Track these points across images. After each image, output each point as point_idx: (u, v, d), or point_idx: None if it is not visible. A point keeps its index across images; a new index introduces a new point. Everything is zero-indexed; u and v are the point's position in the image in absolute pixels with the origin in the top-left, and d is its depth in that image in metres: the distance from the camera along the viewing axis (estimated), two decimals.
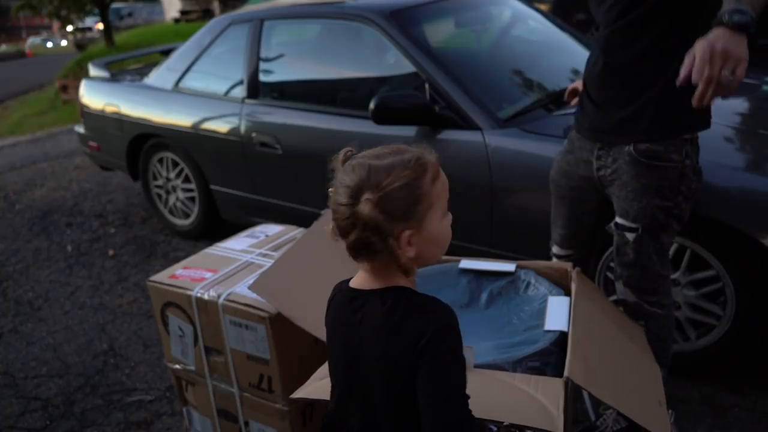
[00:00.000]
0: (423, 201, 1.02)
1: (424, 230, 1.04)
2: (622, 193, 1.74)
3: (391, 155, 1.03)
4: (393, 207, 0.99)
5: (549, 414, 1.26)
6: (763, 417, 2.08)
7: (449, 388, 0.99)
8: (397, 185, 0.99)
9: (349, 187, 1.00)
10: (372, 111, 2.52)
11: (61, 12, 12.87)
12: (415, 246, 1.04)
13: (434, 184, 1.04)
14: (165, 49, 4.87)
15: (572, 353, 1.44)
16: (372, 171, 1.00)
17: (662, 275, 1.79)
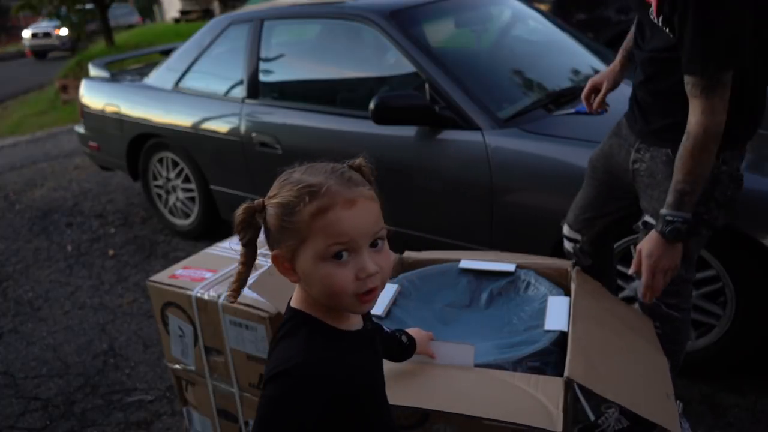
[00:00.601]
0: (288, 231, 0.90)
1: (297, 263, 0.92)
2: (654, 193, 1.67)
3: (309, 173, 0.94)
4: (268, 221, 0.93)
5: (549, 413, 1.26)
6: (763, 417, 2.08)
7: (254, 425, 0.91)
8: (274, 202, 0.92)
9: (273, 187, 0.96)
10: (372, 111, 2.52)
11: (60, 11, 12.86)
12: (295, 273, 0.94)
13: (313, 219, 0.89)
14: (165, 49, 4.87)
15: (572, 353, 1.44)
16: (281, 180, 0.94)
17: (685, 279, 1.73)
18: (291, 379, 0.89)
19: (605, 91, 1.95)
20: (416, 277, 1.89)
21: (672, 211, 1.52)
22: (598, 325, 1.66)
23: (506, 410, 1.28)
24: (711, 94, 1.42)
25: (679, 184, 1.50)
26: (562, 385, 1.33)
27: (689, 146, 1.46)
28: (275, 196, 0.92)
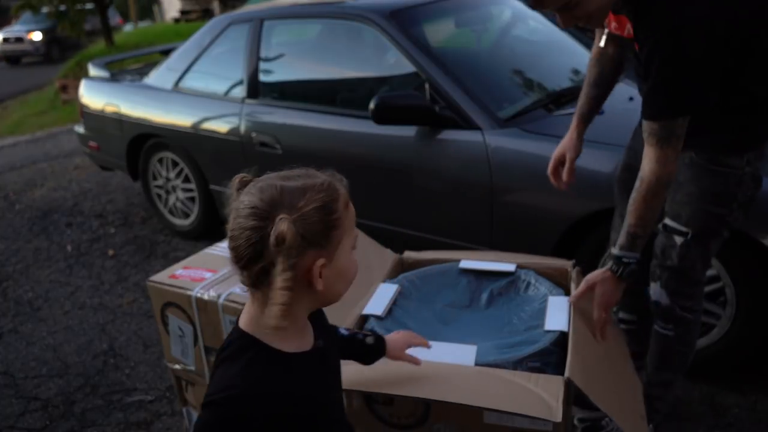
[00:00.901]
0: (338, 227, 0.92)
1: (336, 260, 0.94)
2: (676, 196, 1.66)
3: (302, 177, 0.94)
4: (309, 230, 0.88)
5: (549, 406, 1.26)
6: (763, 417, 2.08)
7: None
8: (314, 207, 0.89)
9: (256, 209, 0.88)
10: (372, 111, 2.52)
11: (60, 10, 12.85)
12: (324, 279, 0.92)
13: (346, 211, 0.95)
14: (165, 49, 4.87)
15: (573, 354, 1.44)
16: (285, 191, 0.90)
17: (700, 281, 1.74)
18: (224, 410, 0.89)
19: (570, 162, 1.93)
20: (416, 277, 1.89)
21: (625, 252, 1.56)
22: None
23: (506, 402, 1.29)
24: (665, 145, 1.45)
25: (632, 228, 1.54)
26: (563, 383, 1.34)
27: (642, 192, 1.50)
28: (306, 202, 0.89)
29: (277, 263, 0.87)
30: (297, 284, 0.90)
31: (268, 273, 0.89)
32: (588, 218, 2.22)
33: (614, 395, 1.48)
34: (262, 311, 0.93)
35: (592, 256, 2.27)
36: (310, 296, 0.95)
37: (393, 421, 1.51)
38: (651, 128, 1.46)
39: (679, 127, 1.44)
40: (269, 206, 0.89)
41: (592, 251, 2.27)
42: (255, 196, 0.90)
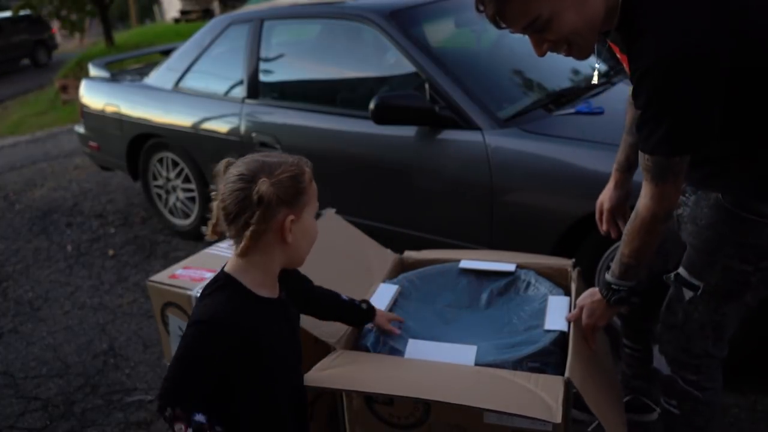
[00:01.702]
0: (305, 193, 1.21)
1: (302, 220, 1.21)
2: (694, 242, 1.45)
3: (277, 156, 1.22)
4: (283, 191, 1.16)
5: (548, 406, 1.26)
6: (763, 417, 2.08)
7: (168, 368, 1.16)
8: (287, 175, 1.18)
9: (243, 175, 1.16)
10: (372, 111, 2.52)
11: (60, 12, 12.87)
12: (293, 233, 1.20)
13: (310, 184, 1.23)
14: (165, 49, 4.87)
15: (573, 355, 1.44)
16: (265, 164, 1.18)
17: (710, 354, 1.49)
18: (206, 326, 1.15)
19: (608, 213, 1.78)
20: (416, 277, 1.89)
21: (617, 280, 1.48)
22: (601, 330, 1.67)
23: (506, 403, 1.29)
24: (660, 182, 1.30)
25: (625, 258, 1.44)
26: (562, 383, 1.34)
27: (636, 226, 1.38)
28: (281, 172, 1.17)
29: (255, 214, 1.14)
30: (271, 238, 1.18)
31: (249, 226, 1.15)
32: (588, 218, 2.21)
33: (604, 398, 1.49)
34: (245, 258, 1.20)
35: (592, 256, 2.27)
36: (282, 252, 1.22)
37: (393, 421, 1.51)
38: (645, 162, 1.31)
39: (676, 165, 1.27)
40: (253, 173, 1.16)
41: (592, 251, 2.27)
42: (241, 167, 1.18)
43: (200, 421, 1.13)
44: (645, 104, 1.25)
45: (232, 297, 1.19)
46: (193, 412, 1.13)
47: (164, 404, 1.13)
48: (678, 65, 1.18)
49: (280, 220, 1.17)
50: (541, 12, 1.24)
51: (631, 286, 1.49)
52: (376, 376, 1.42)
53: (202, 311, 1.18)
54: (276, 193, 1.15)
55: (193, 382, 1.14)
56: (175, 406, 1.12)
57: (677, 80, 1.19)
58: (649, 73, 1.21)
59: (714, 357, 1.50)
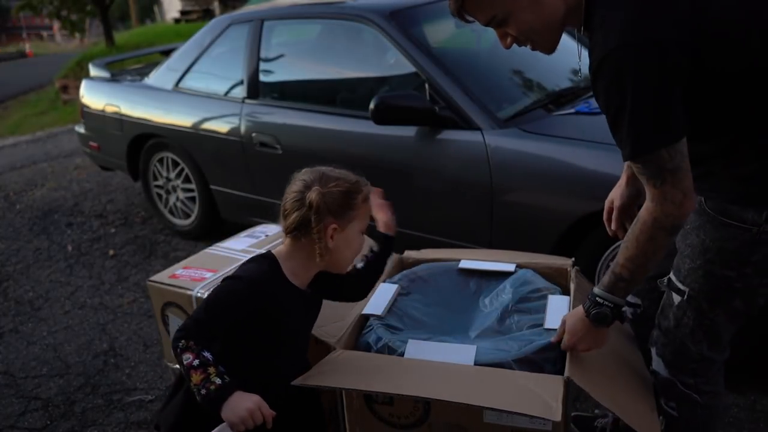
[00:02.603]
0: (352, 209, 1.38)
1: (346, 231, 1.38)
2: (680, 245, 1.43)
3: (340, 173, 1.41)
4: (331, 202, 1.35)
5: (548, 405, 1.26)
6: (763, 416, 2.09)
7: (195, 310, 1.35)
8: (340, 189, 1.37)
9: (304, 181, 1.38)
10: (372, 111, 2.52)
11: (61, 12, 12.89)
12: (335, 240, 1.37)
13: (364, 204, 1.42)
14: (165, 50, 4.87)
15: (572, 354, 1.44)
16: (324, 175, 1.39)
17: (706, 357, 1.46)
18: (241, 283, 1.35)
19: (617, 211, 1.69)
20: (416, 277, 1.89)
21: (603, 292, 1.35)
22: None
23: (506, 401, 1.29)
24: (658, 183, 1.22)
25: (618, 267, 1.33)
26: (562, 383, 1.34)
27: (636, 231, 1.29)
28: (335, 185, 1.37)
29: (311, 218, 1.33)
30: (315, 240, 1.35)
31: (302, 225, 1.35)
32: (588, 218, 2.22)
33: (620, 391, 1.48)
34: (293, 248, 1.40)
35: (591, 255, 2.27)
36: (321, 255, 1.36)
37: (393, 420, 1.51)
38: (635, 168, 1.26)
39: (667, 160, 1.20)
40: (311, 181, 1.37)
41: (591, 251, 2.28)
42: (306, 175, 1.40)
43: (207, 356, 1.27)
44: (605, 103, 1.24)
45: (269, 271, 1.38)
46: (203, 348, 1.28)
47: (182, 336, 1.28)
48: (623, 56, 1.17)
49: (325, 226, 1.35)
50: (496, 12, 1.28)
51: (617, 303, 1.35)
52: (376, 375, 1.42)
53: (241, 270, 1.39)
54: (324, 202, 1.33)
55: (213, 323, 1.31)
56: (189, 339, 1.27)
57: (625, 70, 1.17)
58: (600, 68, 1.20)
59: (712, 360, 1.47)
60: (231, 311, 1.33)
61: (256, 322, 1.36)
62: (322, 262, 1.39)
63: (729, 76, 1.23)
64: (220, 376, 1.26)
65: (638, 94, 1.17)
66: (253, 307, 1.34)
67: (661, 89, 1.18)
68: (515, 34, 1.33)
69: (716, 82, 1.23)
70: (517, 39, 1.34)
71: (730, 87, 1.24)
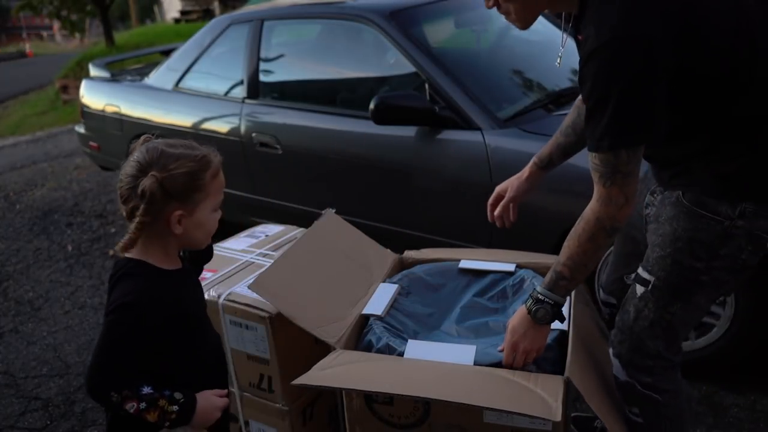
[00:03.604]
0: (200, 191, 1.22)
1: (195, 215, 1.23)
2: (652, 237, 1.43)
3: (182, 147, 1.23)
4: (174, 186, 1.18)
5: (547, 404, 1.26)
6: (763, 416, 2.09)
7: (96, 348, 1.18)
8: (182, 171, 1.19)
9: (139, 163, 1.19)
10: (372, 111, 2.52)
11: (61, 12, 12.89)
12: (183, 226, 1.22)
13: (212, 180, 1.24)
14: (165, 50, 4.87)
15: (572, 354, 1.44)
16: (163, 155, 1.20)
17: (662, 356, 1.44)
18: (129, 309, 1.18)
19: (507, 200, 1.77)
20: (416, 277, 1.89)
21: (545, 290, 1.38)
22: (590, 332, 1.67)
23: (506, 401, 1.29)
24: (608, 183, 1.25)
25: (559, 266, 1.36)
26: (562, 383, 1.34)
27: (578, 230, 1.32)
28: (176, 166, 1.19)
29: (140, 206, 1.17)
30: (160, 225, 1.21)
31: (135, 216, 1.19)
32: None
33: (604, 396, 1.49)
34: (143, 240, 1.23)
35: None
36: (174, 236, 1.24)
37: (393, 420, 1.51)
38: (592, 162, 1.28)
39: (624, 163, 1.23)
40: (147, 163, 1.19)
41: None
42: (142, 153, 1.21)
43: (149, 392, 1.17)
44: (588, 93, 1.24)
45: (142, 276, 1.23)
46: (138, 387, 1.17)
47: (104, 391, 1.16)
48: (613, 49, 1.18)
49: (168, 213, 1.20)
50: None
51: (557, 302, 1.38)
52: (376, 375, 1.42)
53: (116, 297, 1.20)
54: (163, 189, 1.18)
55: (127, 360, 1.18)
56: (121, 389, 1.16)
57: (613, 64, 1.18)
58: (590, 60, 1.22)
59: (667, 360, 1.46)
60: (135, 341, 1.18)
61: (165, 331, 1.23)
62: (177, 244, 1.28)
63: (709, 79, 1.25)
64: (173, 403, 1.20)
65: (623, 88, 1.19)
66: (155, 323, 1.21)
67: (645, 87, 1.19)
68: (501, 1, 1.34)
69: (697, 83, 1.25)
70: (498, 3, 1.35)
71: (711, 89, 1.26)
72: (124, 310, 1.18)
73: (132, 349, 1.18)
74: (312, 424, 1.88)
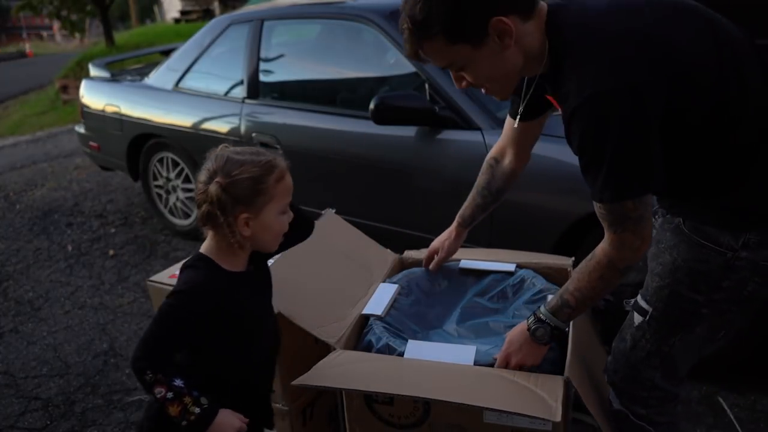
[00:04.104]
0: (263, 194, 1.28)
1: (261, 218, 1.29)
2: (652, 264, 1.39)
3: (248, 154, 1.31)
4: (239, 192, 1.26)
5: (547, 404, 1.26)
6: (763, 416, 2.09)
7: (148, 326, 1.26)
8: (245, 176, 1.26)
9: (208, 170, 1.30)
10: (372, 111, 2.52)
11: (61, 12, 12.89)
12: (251, 228, 1.29)
13: (279, 183, 1.30)
14: (165, 50, 4.87)
15: (572, 355, 1.44)
16: (228, 161, 1.29)
17: (659, 387, 1.40)
18: (185, 295, 1.27)
19: (439, 260, 1.87)
20: (416, 277, 1.89)
21: (548, 313, 1.38)
22: (587, 332, 1.67)
23: (506, 401, 1.29)
24: (619, 230, 1.22)
25: (567, 293, 1.35)
26: (562, 383, 1.34)
27: (590, 267, 1.30)
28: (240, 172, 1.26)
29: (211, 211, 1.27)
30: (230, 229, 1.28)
31: (212, 217, 1.28)
32: (587, 218, 2.22)
33: (600, 399, 1.49)
34: (215, 240, 1.34)
35: None
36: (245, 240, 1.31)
37: (393, 421, 1.51)
38: (599, 211, 1.24)
39: (632, 210, 1.19)
40: (214, 171, 1.29)
41: (592, 251, 2.27)
42: (211, 161, 1.32)
43: (179, 385, 1.23)
44: (579, 149, 1.21)
45: (207, 271, 1.32)
46: (172, 377, 1.23)
47: (145, 367, 1.23)
48: (598, 103, 1.14)
49: (235, 217, 1.28)
50: (455, 59, 1.26)
51: (558, 326, 1.38)
52: (376, 375, 1.42)
53: (180, 283, 1.31)
54: (229, 194, 1.25)
55: (170, 345, 1.26)
56: (156, 371, 1.22)
57: (603, 117, 1.14)
58: (576, 115, 1.17)
59: (665, 391, 1.41)
60: (185, 327, 1.26)
61: (216, 324, 1.30)
62: (244, 250, 1.35)
63: (701, 117, 1.20)
64: (197, 404, 1.24)
65: (616, 141, 1.15)
66: (206, 313, 1.27)
67: (639, 135, 1.15)
68: (472, 81, 1.30)
69: (688, 123, 1.20)
70: (472, 84, 1.32)
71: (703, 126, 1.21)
72: (177, 296, 1.27)
73: (177, 334, 1.26)
74: (312, 424, 1.88)
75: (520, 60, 1.26)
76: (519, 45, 1.23)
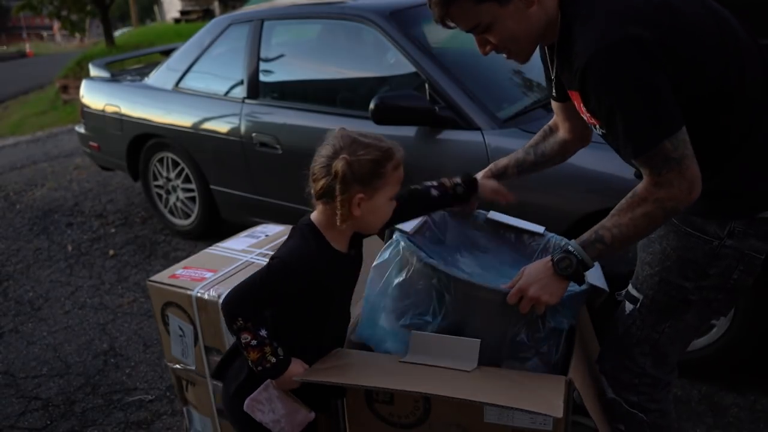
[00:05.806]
0: (381, 178, 1.34)
1: (374, 200, 1.35)
2: (642, 254, 1.42)
3: (372, 138, 1.38)
4: (359, 170, 1.31)
5: (550, 401, 1.26)
6: (763, 416, 2.09)
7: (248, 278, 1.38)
8: (369, 158, 1.33)
9: (333, 147, 1.35)
10: (372, 111, 2.52)
11: (61, 12, 12.89)
12: (361, 209, 1.35)
13: (394, 171, 1.37)
14: (165, 50, 4.87)
15: (577, 355, 1.45)
16: (354, 142, 1.35)
17: (648, 374, 1.43)
18: (293, 264, 1.36)
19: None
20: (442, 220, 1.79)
21: (577, 246, 1.32)
22: (589, 332, 1.66)
23: (507, 398, 1.29)
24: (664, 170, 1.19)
25: (603, 229, 1.29)
26: (563, 383, 1.34)
27: (634, 202, 1.25)
28: (365, 153, 1.33)
29: (328, 185, 1.32)
30: (343, 206, 1.32)
31: (329, 191, 1.33)
32: (589, 217, 2.22)
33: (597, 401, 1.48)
34: (326, 215, 1.38)
35: None
36: (352, 220, 1.36)
37: (393, 420, 1.51)
38: (641, 163, 1.24)
39: (671, 150, 1.18)
40: (341, 147, 1.34)
41: None
42: (337, 139, 1.38)
43: (264, 335, 1.35)
44: (596, 107, 1.23)
45: (316, 244, 1.38)
46: (259, 327, 1.35)
47: (238, 314, 1.34)
48: (605, 56, 1.17)
49: (351, 195, 1.33)
50: (481, 20, 1.31)
51: (585, 261, 1.31)
52: (376, 371, 1.42)
53: (285, 249, 1.40)
54: (352, 171, 1.31)
55: (266, 301, 1.37)
56: (247, 319, 1.34)
57: (609, 70, 1.18)
58: (585, 75, 1.21)
59: (655, 378, 1.43)
60: (283, 291, 1.36)
61: (309, 294, 1.39)
62: (348, 228, 1.39)
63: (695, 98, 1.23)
64: (274, 355, 1.36)
65: (627, 91, 1.18)
66: (306, 282, 1.37)
67: (647, 82, 1.17)
68: (496, 42, 1.35)
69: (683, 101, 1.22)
70: (496, 46, 1.37)
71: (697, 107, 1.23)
72: (283, 264, 1.36)
73: (274, 295, 1.37)
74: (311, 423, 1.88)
75: (543, 19, 1.30)
76: (541, 4, 1.29)
